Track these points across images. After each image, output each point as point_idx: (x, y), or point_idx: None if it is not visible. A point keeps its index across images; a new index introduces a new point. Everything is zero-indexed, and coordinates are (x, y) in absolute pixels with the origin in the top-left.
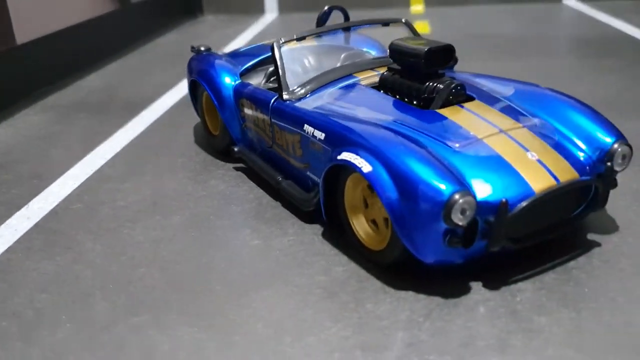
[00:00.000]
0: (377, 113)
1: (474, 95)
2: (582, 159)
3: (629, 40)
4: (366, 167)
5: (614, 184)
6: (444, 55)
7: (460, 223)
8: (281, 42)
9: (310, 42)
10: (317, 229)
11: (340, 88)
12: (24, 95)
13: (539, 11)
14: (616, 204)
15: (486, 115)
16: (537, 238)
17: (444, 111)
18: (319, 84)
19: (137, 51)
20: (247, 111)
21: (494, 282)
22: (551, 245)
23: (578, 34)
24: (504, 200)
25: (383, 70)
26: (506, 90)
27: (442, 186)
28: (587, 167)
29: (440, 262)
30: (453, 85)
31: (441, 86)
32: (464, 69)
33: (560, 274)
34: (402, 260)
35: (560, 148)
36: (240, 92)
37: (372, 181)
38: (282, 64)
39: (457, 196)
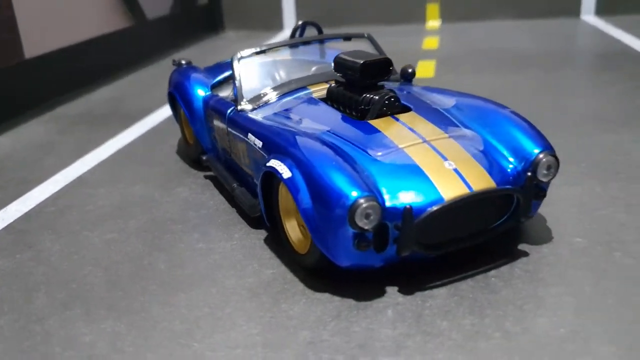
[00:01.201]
0: (315, 123)
1: (411, 107)
2: (508, 169)
3: (633, 56)
4: (286, 174)
5: (540, 195)
6: (380, 68)
7: (366, 227)
8: (240, 55)
9: (277, 56)
10: (262, 234)
11: (292, 99)
12: (32, 106)
13: (555, 26)
14: (555, 214)
15: (415, 126)
16: (452, 246)
17: (375, 122)
18: (273, 95)
19: (153, 66)
20: (213, 121)
21: (410, 287)
22: (477, 253)
23: (585, 49)
24: (408, 206)
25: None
26: (448, 102)
27: (348, 191)
28: (511, 178)
29: (357, 266)
30: (387, 97)
31: (376, 98)
32: (459, 81)
33: (478, 282)
34: (323, 264)
35: (483, 158)
36: (207, 103)
37: (289, 187)
38: (240, 76)
39: (361, 201)
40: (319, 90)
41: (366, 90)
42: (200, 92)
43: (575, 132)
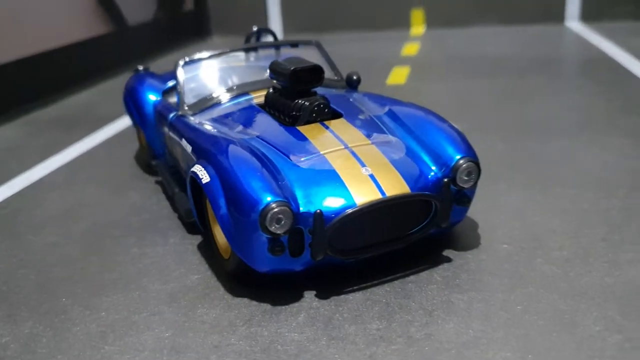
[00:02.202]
0: (247, 129)
1: (343, 113)
2: (429, 175)
3: (607, 62)
4: (205, 179)
5: (464, 201)
6: (311, 75)
7: (278, 232)
8: (184, 61)
9: (224, 62)
10: (198, 239)
11: (232, 105)
12: (8, 110)
13: (538, 32)
14: (490, 220)
15: (341, 132)
16: (368, 251)
17: (304, 128)
18: (214, 101)
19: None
20: (161, 126)
21: (328, 292)
22: (402, 258)
23: (563, 55)
24: (318, 211)
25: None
26: (381, 109)
27: (260, 196)
28: (431, 184)
29: (276, 271)
30: (316, 103)
31: (307, 104)
32: (426, 88)
33: (395, 287)
34: (244, 269)
35: (402, 164)
36: (156, 108)
37: (206, 192)
38: (183, 81)
39: (273, 205)
40: (260, 97)
41: (298, 96)
42: (152, 97)
43: (526, 139)
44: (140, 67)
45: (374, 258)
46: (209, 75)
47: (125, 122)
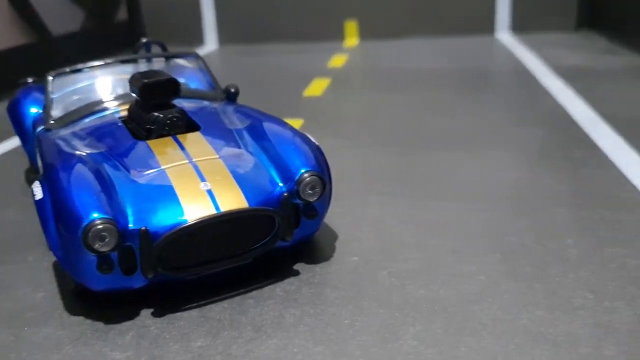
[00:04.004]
0: (98, 143)
1: (201, 126)
2: (275, 190)
3: (523, 74)
4: (38, 195)
5: (312, 215)
6: (165, 88)
7: (102, 249)
8: (54, 73)
9: (98, 74)
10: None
11: (96, 119)
12: None
13: (468, 45)
14: (348, 232)
15: (191, 146)
16: (206, 268)
17: (154, 142)
18: (79, 114)
19: None
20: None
21: (165, 309)
22: (244, 273)
23: (485, 68)
24: (143, 228)
25: None
26: (243, 122)
27: (84, 213)
28: (275, 198)
29: (113, 289)
30: (170, 116)
31: (161, 117)
32: (339, 101)
33: (233, 303)
34: (85, 286)
35: (246, 179)
36: (34, 121)
37: (37, 208)
38: (50, 94)
39: (96, 222)
40: (127, 110)
41: (155, 109)
42: (33, 110)
43: (418, 152)
44: (30, 80)
45: (219, 273)
46: (80, 89)
47: None
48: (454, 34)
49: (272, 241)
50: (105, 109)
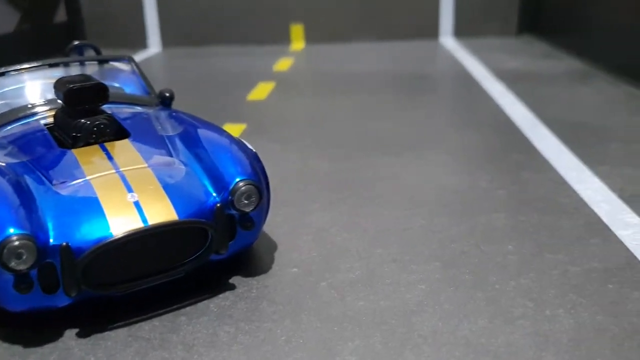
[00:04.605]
0: (20, 152)
1: (131, 134)
2: (209, 200)
3: (467, 78)
4: None
5: (248, 225)
6: (92, 94)
7: (19, 268)
8: None
9: (27, 78)
10: None
11: (20, 126)
12: None
13: (412, 48)
14: (289, 243)
15: (119, 155)
16: (136, 284)
17: (79, 150)
18: (2, 121)
19: None
20: None
21: (91, 329)
22: (179, 288)
23: (428, 72)
24: (64, 244)
25: None
26: (177, 129)
27: None
28: (208, 209)
29: (34, 309)
30: (96, 123)
31: (87, 124)
32: (282, 105)
33: (165, 321)
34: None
35: (177, 189)
36: None
37: None
38: None
39: (13, 238)
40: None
41: (82, 115)
42: None
43: (358, 157)
44: None
45: (149, 289)
46: (3, 93)
47: None
48: (399, 38)
49: (205, 255)
50: (31, 115)
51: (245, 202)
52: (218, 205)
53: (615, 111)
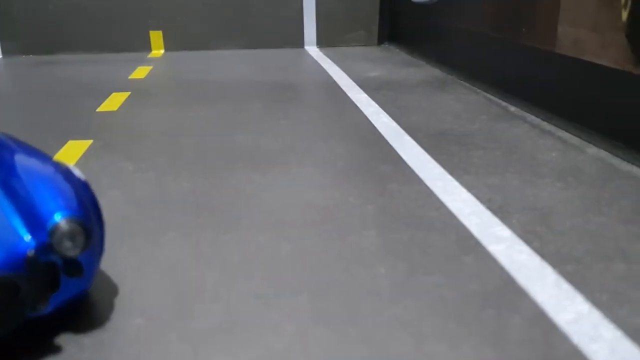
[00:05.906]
0: None
1: None
2: (19, 246)
3: (331, 87)
4: None
5: (75, 272)
6: None
7: None
8: None
9: None
10: None
11: None
12: None
13: (278, 58)
14: (128, 284)
15: None
16: None
17: None
18: None
19: None
20: None
21: None
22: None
23: (292, 81)
24: None
25: None
26: None
27: None
28: (21, 257)
29: None
30: None
31: None
32: (136, 117)
33: None
34: None
35: None
36: None
37: None
38: None
39: None
40: None
41: None
42: None
43: (218, 174)
44: None
45: None
46: None
47: None
48: (265, 46)
49: (17, 314)
50: None
51: (69, 244)
52: (31, 251)
53: (474, 118)
